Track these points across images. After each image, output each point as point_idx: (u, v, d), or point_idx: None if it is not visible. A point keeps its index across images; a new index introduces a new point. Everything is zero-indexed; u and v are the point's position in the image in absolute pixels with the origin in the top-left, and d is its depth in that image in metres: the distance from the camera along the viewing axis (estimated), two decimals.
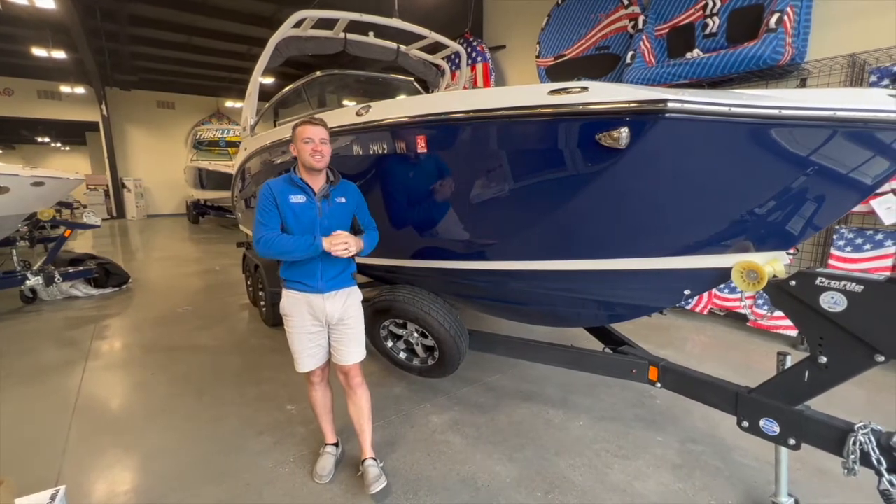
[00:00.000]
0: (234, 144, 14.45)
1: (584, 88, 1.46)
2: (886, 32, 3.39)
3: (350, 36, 4.31)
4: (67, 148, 26.42)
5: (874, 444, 1.51)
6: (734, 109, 1.28)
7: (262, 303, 4.43)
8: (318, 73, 3.83)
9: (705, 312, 4.62)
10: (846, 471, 1.58)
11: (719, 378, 2.04)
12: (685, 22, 4.51)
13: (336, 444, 2.33)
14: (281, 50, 4.02)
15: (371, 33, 4.49)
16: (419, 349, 2.79)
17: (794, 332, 3.89)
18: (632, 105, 1.35)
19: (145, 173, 16.89)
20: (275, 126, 4.18)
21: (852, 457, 1.55)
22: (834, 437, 1.61)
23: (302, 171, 1.99)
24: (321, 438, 2.34)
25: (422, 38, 4.45)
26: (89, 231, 11.50)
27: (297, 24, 3.86)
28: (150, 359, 3.68)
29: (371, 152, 2.32)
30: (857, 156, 1.43)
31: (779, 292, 1.67)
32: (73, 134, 20.90)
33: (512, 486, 2.15)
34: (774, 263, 1.75)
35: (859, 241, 3.63)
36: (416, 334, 2.71)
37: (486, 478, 2.20)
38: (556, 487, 2.13)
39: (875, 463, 1.50)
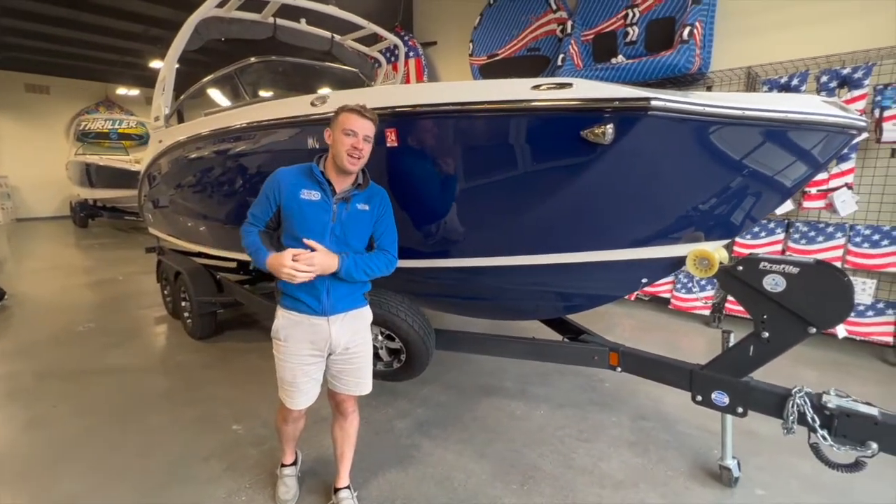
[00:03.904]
0: (129, 137, 12.74)
1: (568, 84, 1.48)
2: (776, 48, 3.94)
3: (280, 21, 4.00)
4: None
5: (809, 404, 1.73)
6: (707, 109, 1.39)
7: (187, 314, 3.97)
8: (253, 60, 3.49)
9: (632, 298, 5.03)
10: (785, 430, 1.79)
11: (674, 358, 2.22)
12: (608, 29, 4.85)
13: (294, 463, 2.12)
14: (201, 31, 3.60)
15: (303, 20, 4.20)
16: (383, 353, 2.68)
17: (706, 312, 4.40)
18: (616, 102, 1.40)
19: (12, 169, 14.23)
20: (179, 120, 3.73)
21: (791, 418, 1.77)
22: (775, 402, 1.83)
23: (329, 165, 1.67)
24: (278, 458, 2.14)
25: (357, 28, 4.26)
26: None
27: (221, 4, 3.49)
28: (46, 387, 3.11)
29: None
30: (793, 154, 1.62)
31: (727, 277, 1.85)
32: None
33: (488, 482, 2.15)
34: (720, 251, 1.94)
35: (756, 229, 4.19)
36: (380, 337, 2.60)
37: (462, 477, 2.18)
38: (530, 478, 2.17)
39: (810, 421, 1.72)
